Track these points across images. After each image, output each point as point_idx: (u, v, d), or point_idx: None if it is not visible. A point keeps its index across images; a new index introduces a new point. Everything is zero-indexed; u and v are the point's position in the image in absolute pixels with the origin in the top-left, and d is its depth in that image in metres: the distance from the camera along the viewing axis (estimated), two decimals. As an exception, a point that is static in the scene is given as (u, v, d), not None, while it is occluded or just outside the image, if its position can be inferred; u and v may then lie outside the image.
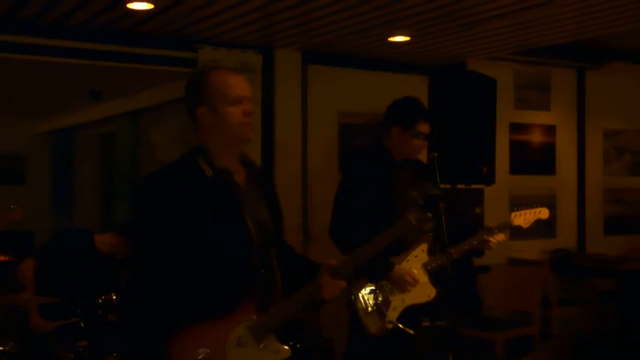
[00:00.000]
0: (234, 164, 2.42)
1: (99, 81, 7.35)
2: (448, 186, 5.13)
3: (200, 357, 2.25)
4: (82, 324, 3.67)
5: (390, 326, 3.41)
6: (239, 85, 2.38)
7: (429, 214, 2.83)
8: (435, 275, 3.53)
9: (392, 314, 3.42)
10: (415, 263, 3.49)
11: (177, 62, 5.40)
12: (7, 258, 4.55)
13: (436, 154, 3.63)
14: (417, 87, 5.98)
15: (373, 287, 3.47)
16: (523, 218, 3.64)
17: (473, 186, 5.80)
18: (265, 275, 2.39)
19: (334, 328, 4.95)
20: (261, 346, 2.31)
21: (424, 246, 3.53)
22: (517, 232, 6.03)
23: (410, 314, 3.49)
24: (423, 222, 2.96)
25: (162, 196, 2.29)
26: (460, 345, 4.09)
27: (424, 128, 3.66)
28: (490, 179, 5.46)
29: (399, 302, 3.44)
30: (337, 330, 4.68)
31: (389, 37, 5.24)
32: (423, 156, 4.79)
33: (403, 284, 3.42)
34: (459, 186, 5.45)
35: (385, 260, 3.44)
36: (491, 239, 3.57)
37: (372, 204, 3.51)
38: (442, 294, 3.59)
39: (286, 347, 2.34)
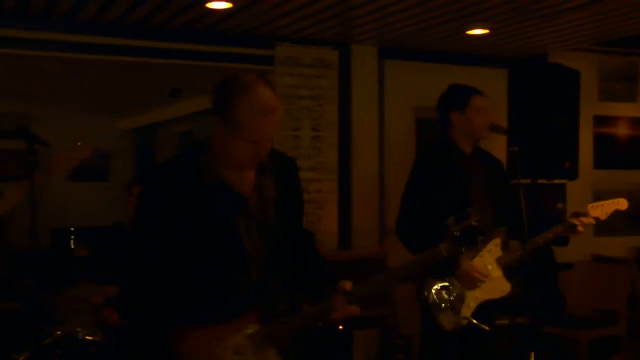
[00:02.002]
0: (241, 173, 2.25)
1: (179, 80, 7.52)
2: (529, 181, 5.02)
3: None
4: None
5: (465, 322, 3.35)
6: (263, 129, 2.17)
7: (462, 248, 2.70)
8: (516, 271, 3.45)
9: (467, 311, 3.36)
10: (488, 258, 3.42)
11: (255, 59, 5.47)
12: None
13: (517, 149, 3.53)
14: (496, 80, 5.87)
15: (446, 284, 3.40)
16: (600, 210, 3.51)
17: (555, 181, 5.65)
18: (271, 287, 2.26)
19: (412, 325, 4.92)
20: (259, 358, 2.21)
21: (497, 241, 3.45)
22: (602, 229, 5.83)
23: (486, 310, 3.41)
24: (457, 254, 2.84)
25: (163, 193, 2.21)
26: (543, 344, 3.99)
27: (481, 102, 3.55)
28: (573, 174, 5.31)
29: (473, 298, 3.37)
30: (415, 327, 4.65)
31: (467, 30, 5.15)
32: (503, 150, 4.69)
33: (471, 281, 3.35)
34: (540, 181, 5.33)
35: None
36: (577, 221, 3.44)
37: (443, 200, 3.44)
38: (523, 291, 3.50)
39: None
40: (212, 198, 2.18)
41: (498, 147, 4.57)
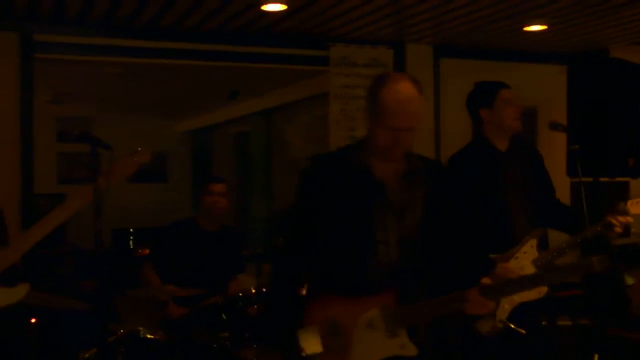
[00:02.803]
0: (387, 165, 2.46)
1: (234, 82, 7.62)
2: (590, 179, 4.90)
3: (327, 326, 2.35)
4: (223, 316, 3.81)
5: (501, 325, 3.27)
6: (396, 116, 2.35)
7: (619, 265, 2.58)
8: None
9: (502, 313, 3.28)
10: (524, 260, 3.32)
11: (310, 60, 5.50)
12: (148, 252, 4.77)
13: (577, 146, 3.45)
14: (554, 77, 5.75)
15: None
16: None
17: (617, 179, 5.50)
18: (409, 272, 2.42)
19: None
20: (389, 336, 2.35)
21: (533, 242, 3.35)
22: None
23: (528, 311, 3.32)
24: (610, 271, 2.76)
25: (315, 179, 2.52)
26: (607, 346, 3.89)
27: (508, 94, 3.46)
28: (636, 172, 5.15)
29: (509, 301, 3.27)
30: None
31: (525, 26, 5.07)
32: (563, 148, 4.60)
33: None
34: (601, 179, 5.19)
35: (485, 258, 3.28)
36: (615, 220, 3.33)
37: (478, 202, 3.33)
38: (585, 291, 3.41)
39: (413, 346, 2.34)
40: (353, 182, 2.43)
41: (558, 145, 4.49)
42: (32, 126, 4.82)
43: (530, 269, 3.31)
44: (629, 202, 3.40)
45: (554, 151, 3.83)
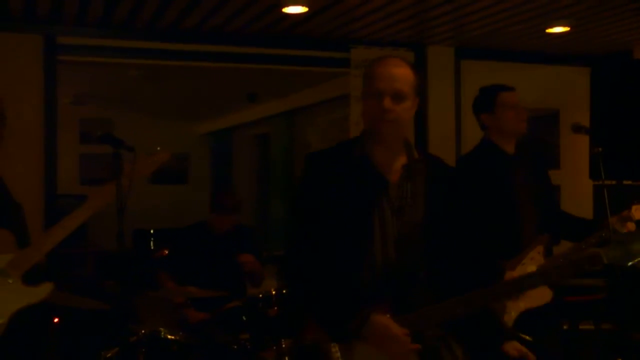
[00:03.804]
0: (386, 154, 2.33)
1: (255, 84, 7.64)
2: (613, 182, 4.86)
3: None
4: (244, 318, 3.81)
5: None
6: (380, 78, 2.27)
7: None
8: (603, 275, 3.33)
9: (508, 319, 3.24)
10: (530, 266, 3.28)
11: (330, 62, 5.50)
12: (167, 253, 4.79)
13: (600, 149, 3.41)
14: (577, 79, 5.72)
15: None
16: None
17: (641, 182, 5.45)
18: (406, 278, 2.28)
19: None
20: None
21: (540, 248, 3.31)
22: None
23: (539, 316, 3.27)
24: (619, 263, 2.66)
25: (310, 176, 2.37)
26: (631, 351, 3.84)
27: (509, 97, 3.40)
28: (660, 175, 5.10)
29: (515, 307, 3.22)
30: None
31: (547, 28, 5.03)
32: (586, 151, 4.56)
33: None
34: (625, 182, 5.15)
35: (494, 264, 3.24)
36: (621, 227, 3.28)
37: (488, 206, 3.29)
38: (608, 296, 3.37)
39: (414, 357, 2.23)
40: (352, 173, 2.29)
41: (581, 148, 4.46)
42: (56, 127, 4.87)
43: None
44: (633, 208, 3.34)
45: (577, 154, 3.79)
